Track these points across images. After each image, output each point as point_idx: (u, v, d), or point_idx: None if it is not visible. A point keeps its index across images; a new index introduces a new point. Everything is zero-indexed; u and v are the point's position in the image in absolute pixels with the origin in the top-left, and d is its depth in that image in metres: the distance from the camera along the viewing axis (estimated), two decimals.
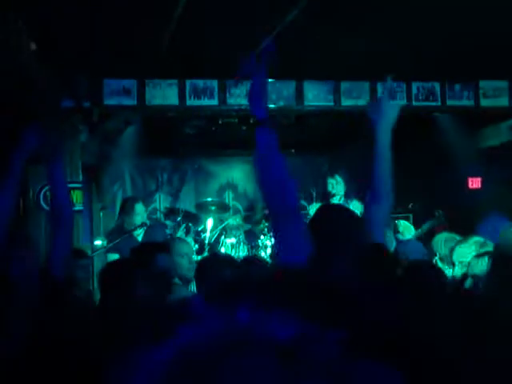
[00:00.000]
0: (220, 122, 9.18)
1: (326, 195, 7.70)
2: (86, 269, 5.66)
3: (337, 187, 7.53)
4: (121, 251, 6.69)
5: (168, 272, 4.31)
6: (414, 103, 8.29)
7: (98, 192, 9.90)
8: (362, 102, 8.15)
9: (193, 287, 5.12)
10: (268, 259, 8.25)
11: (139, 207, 7.48)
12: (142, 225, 7.35)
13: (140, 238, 7.32)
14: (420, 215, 10.49)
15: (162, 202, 11.06)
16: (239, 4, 5.62)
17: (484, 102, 8.44)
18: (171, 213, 10.08)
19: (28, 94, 6.05)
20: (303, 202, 11.54)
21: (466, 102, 8.44)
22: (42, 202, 7.49)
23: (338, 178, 7.55)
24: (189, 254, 5.22)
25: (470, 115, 8.87)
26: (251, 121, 8.62)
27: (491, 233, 7.44)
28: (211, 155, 11.30)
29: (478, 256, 4.28)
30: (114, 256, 6.79)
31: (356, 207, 7.57)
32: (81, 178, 7.68)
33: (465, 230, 8.61)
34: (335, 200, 7.50)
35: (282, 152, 8.95)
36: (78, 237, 7.57)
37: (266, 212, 10.27)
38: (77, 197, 7.46)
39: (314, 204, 8.00)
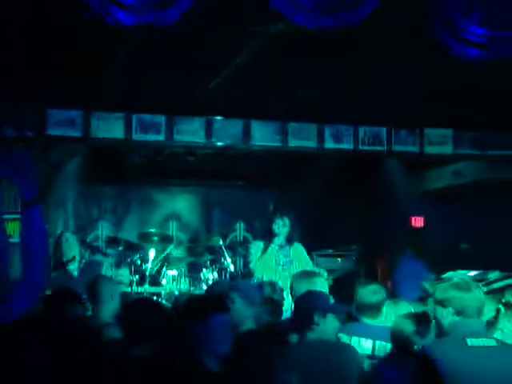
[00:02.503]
0: (166, 152, 9.12)
1: (269, 232, 7.60)
2: None
3: (283, 229, 7.45)
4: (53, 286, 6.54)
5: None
6: (361, 147, 8.35)
7: None
8: (309, 144, 8.20)
9: None
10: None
11: (70, 237, 7.35)
12: (73, 259, 7.19)
13: (76, 273, 7.17)
14: (362, 254, 10.59)
15: (104, 229, 10.88)
16: (189, 45, 5.61)
17: (428, 149, 8.55)
18: (113, 242, 9.93)
19: None
20: (247, 235, 11.54)
21: (412, 148, 8.54)
22: None
23: (286, 221, 7.43)
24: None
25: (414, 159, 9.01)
26: (198, 152, 8.61)
27: (408, 278, 7.54)
28: (156, 184, 11.18)
29: None
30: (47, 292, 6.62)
31: (299, 250, 7.55)
32: (19, 208, 7.46)
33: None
34: (277, 239, 7.41)
35: (229, 183, 8.74)
36: (14, 266, 7.36)
37: (210, 244, 10.23)
38: (15, 228, 7.24)
39: (257, 241, 7.94)
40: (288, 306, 5.85)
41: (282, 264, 7.39)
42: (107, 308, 4.97)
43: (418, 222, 10.44)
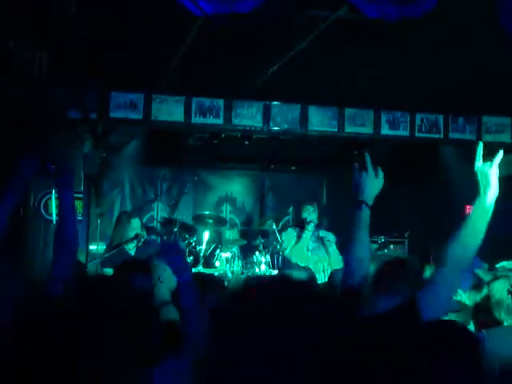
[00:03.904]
0: (223, 135, 9.23)
1: (301, 220, 7.97)
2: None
3: (312, 215, 7.83)
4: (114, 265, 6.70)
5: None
6: (417, 134, 8.34)
7: (97, 198, 9.93)
8: (365, 130, 8.23)
9: None
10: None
11: (135, 222, 7.50)
12: (136, 236, 7.36)
13: (133, 252, 7.35)
14: (416, 242, 10.57)
15: (159, 211, 11.08)
16: (252, 30, 5.68)
17: (486, 137, 8.46)
18: (168, 223, 10.11)
19: (35, 106, 6.09)
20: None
21: (469, 136, 8.48)
22: (42, 211, 7.53)
23: (316, 207, 7.92)
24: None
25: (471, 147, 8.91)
26: (254, 136, 8.70)
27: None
28: (211, 168, 11.33)
29: None
30: (109, 271, 6.81)
31: (327, 235, 7.91)
32: (82, 188, 7.71)
33: None
34: (310, 226, 7.78)
35: (283, 168, 8.86)
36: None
37: (263, 228, 10.34)
38: (77, 207, 7.48)
39: (290, 229, 8.36)
40: None
41: (312, 249, 7.80)
42: (160, 289, 5.07)
43: (471, 210, 10.36)
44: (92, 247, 8.85)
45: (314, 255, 7.71)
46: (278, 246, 9.69)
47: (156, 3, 5.16)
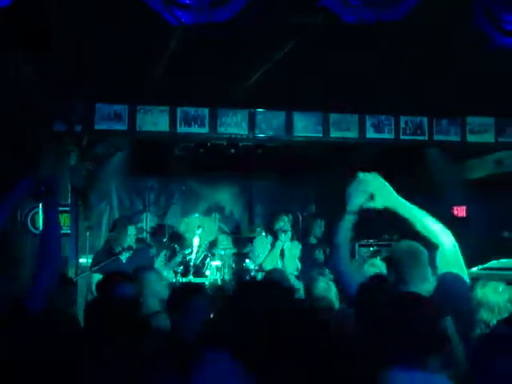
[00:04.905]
0: (208, 144, 9.24)
1: (276, 231, 8.23)
2: (69, 295, 5.66)
3: (287, 225, 8.17)
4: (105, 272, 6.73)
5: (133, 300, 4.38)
6: (402, 137, 8.37)
7: (85, 211, 9.90)
8: (350, 135, 8.27)
9: None
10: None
11: (131, 229, 7.56)
12: (128, 248, 7.40)
13: (125, 260, 7.38)
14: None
15: (148, 222, 11.05)
16: (233, 39, 5.69)
17: (470, 138, 8.52)
18: (158, 231, 10.10)
19: (26, 118, 6.10)
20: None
21: (453, 138, 8.53)
22: (29, 225, 7.52)
23: (290, 217, 8.33)
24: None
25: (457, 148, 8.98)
26: (240, 144, 8.72)
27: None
28: (199, 177, 11.31)
29: None
30: (99, 276, 6.83)
31: (295, 247, 8.26)
32: (69, 200, 7.70)
33: None
34: (283, 236, 8.10)
35: (270, 175, 8.88)
36: (64, 256, 7.60)
37: (252, 235, 10.33)
38: (64, 220, 7.47)
39: (262, 238, 8.52)
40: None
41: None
42: (154, 299, 5.09)
43: (460, 211, 10.39)
44: (82, 260, 8.83)
45: (280, 263, 8.15)
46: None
47: (137, 14, 5.16)
